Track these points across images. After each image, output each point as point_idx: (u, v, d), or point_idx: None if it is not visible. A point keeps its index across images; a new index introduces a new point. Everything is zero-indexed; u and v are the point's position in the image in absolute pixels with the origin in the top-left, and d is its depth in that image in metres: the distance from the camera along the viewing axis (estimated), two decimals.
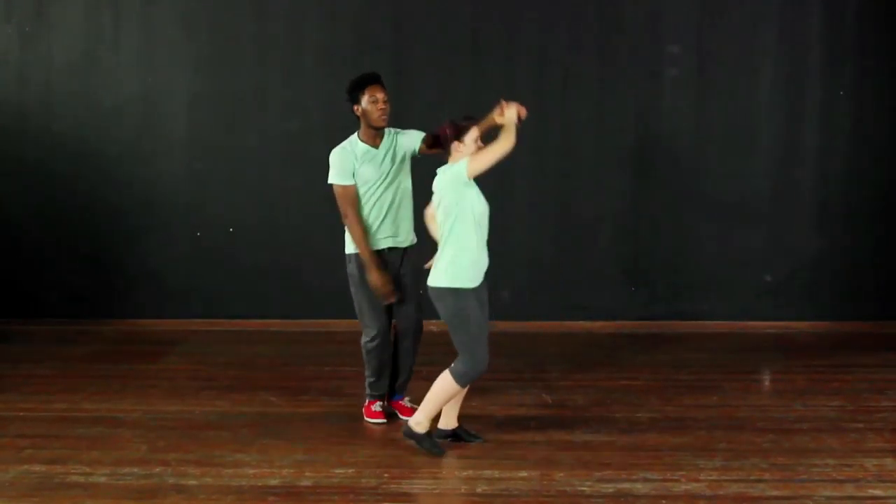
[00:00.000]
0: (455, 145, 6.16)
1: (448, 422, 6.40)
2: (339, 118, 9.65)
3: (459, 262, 6.08)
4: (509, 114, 6.13)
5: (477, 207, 6.12)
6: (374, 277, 6.59)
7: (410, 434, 6.21)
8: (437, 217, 6.20)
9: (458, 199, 6.09)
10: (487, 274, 6.36)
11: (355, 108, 6.70)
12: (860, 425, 6.76)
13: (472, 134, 6.16)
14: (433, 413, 6.21)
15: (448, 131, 6.17)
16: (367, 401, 6.92)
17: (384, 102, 6.64)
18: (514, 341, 9.25)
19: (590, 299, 9.78)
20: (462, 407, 7.16)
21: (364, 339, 6.85)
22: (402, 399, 7.00)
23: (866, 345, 9.05)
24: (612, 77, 9.69)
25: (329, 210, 9.74)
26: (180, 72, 9.76)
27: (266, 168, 9.81)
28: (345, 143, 6.80)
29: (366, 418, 6.87)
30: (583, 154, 9.77)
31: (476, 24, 9.70)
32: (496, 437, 6.52)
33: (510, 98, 9.68)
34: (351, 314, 9.65)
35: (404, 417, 6.79)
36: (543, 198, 9.76)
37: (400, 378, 6.97)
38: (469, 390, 7.55)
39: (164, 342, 9.18)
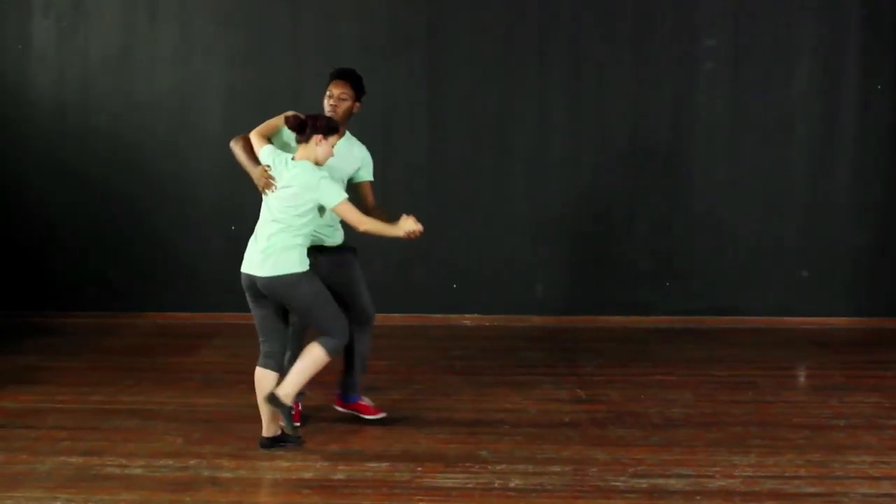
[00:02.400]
0: (318, 139, 6.13)
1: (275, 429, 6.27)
2: (373, 114, 9.73)
3: (303, 250, 6.09)
4: (405, 224, 6.10)
5: None
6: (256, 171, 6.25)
7: (277, 402, 6.06)
8: (279, 203, 6.07)
9: (314, 204, 6.07)
10: (520, 268, 6.33)
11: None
12: None
13: (334, 139, 6.19)
14: (300, 386, 6.14)
15: (320, 122, 6.14)
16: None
17: (337, 99, 6.56)
18: (548, 336, 9.24)
19: (624, 294, 9.75)
20: (496, 401, 7.18)
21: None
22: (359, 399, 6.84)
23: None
24: (647, 71, 9.66)
25: (362, 203, 9.78)
26: (216, 67, 9.81)
27: None
28: None
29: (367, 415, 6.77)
30: (617, 148, 9.74)
31: (510, 20, 9.68)
32: (530, 431, 6.50)
33: (546, 94, 9.73)
34: (387, 309, 9.75)
35: (368, 416, 6.70)
36: (578, 192, 9.74)
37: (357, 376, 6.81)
38: (502, 385, 7.60)
39: (200, 335, 9.23)
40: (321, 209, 6.15)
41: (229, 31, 9.79)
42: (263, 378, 6.14)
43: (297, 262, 6.06)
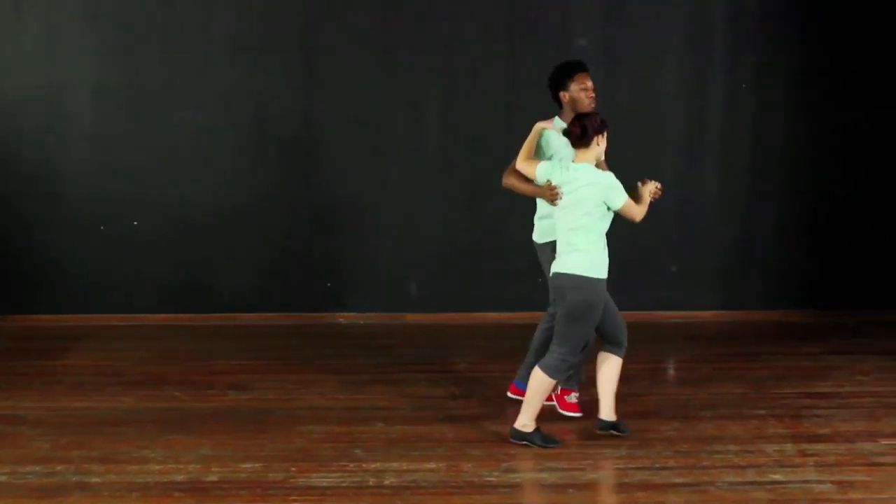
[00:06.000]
0: (598, 139, 6.27)
1: (610, 413, 6.39)
2: (247, 110, 9.65)
3: (599, 256, 6.26)
4: (646, 192, 6.38)
5: None
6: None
7: (520, 437, 6.19)
8: (575, 209, 6.22)
9: (606, 205, 6.25)
10: (394, 266, 6.32)
11: (562, 94, 6.77)
12: (762, 412, 6.88)
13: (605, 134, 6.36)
14: (537, 411, 6.21)
15: (596, 122, 6.25)
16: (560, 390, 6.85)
17: (593, 90, 6.73)
18: (422, 333, 9.27)
19: (497, 290, 9.81)
20: (371, 399, 7.19)
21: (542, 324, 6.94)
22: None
23: (769, 333, 9.21)
24: (521, 70, 9.74)
25: (238, 202, 9.69)
26: (85, 62, 9.58)
27: (173, 161, 9.68)
28: (549, 121, 6.84)
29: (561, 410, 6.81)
30: (493, 148, 9.78)
31: (386, 19, 9.67)
32: (404, 429, 6.52)
33: (422, 93, 9.74)
34: (262, 308, 9.68)
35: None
36: (454, 191, 9.77)
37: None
38: (376, 383, 7.60)
39: (69, 338, 9.02)
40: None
41: (98, 26, 9.56)
42: (607, 363, 6.35)
43: (587, 267, 6.19)
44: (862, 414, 6.87)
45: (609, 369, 6.35)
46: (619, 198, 6.24)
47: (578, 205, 6.21)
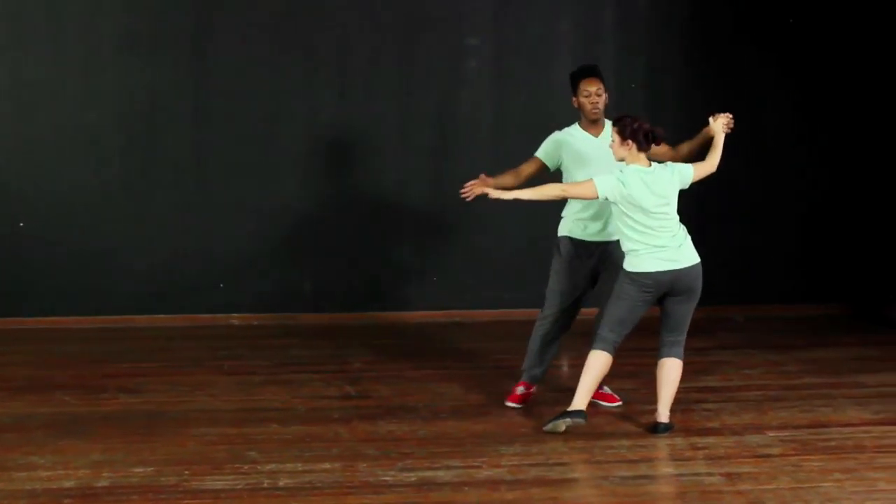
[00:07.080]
0: (629, 142, 6.32)
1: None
2: (138, 110, 9.51)
3: None
4: (718, 126, 6.53)
5: None
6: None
7: (668, 428, 6.41)
8: (671, 205, 6.29)
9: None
10: (288, 266, 6.24)
11: (573, 100, 6.87)
12: (654, 407, 6.94)
13: None
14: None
15: (634, 125, 6.29)
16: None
17: (596, 95, 6.78)
18: (317, 333, 9.24)
19: (393, 290, 9.82)
20: (265, 400, 7.14)
21: (539, 314, 7.09)
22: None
23: (659, 329, 9.33)
24: (413, 68, 9.76)
25: (127, 202, 9.54)
26: None
27: (61, 160, 9.51)
28: (566, 128, 6.93)
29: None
30: (386, 146, 9.81)
31: (279, 16, 9.62)
32: (299, 430, 6.48)
33: (315, 92, 9.68)
34: (154, 310, 9.55)
35: (606, 404, 7.03)
36: (347, 189, 9.75)
37: None
38: (270, 384, 7.58)
39: None
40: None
41: None
42: (606, 361, 6.47)
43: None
44: (749, 407, 7.03)
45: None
46: (688, 171, 6.39)
47: (672, 200, 6.33)
